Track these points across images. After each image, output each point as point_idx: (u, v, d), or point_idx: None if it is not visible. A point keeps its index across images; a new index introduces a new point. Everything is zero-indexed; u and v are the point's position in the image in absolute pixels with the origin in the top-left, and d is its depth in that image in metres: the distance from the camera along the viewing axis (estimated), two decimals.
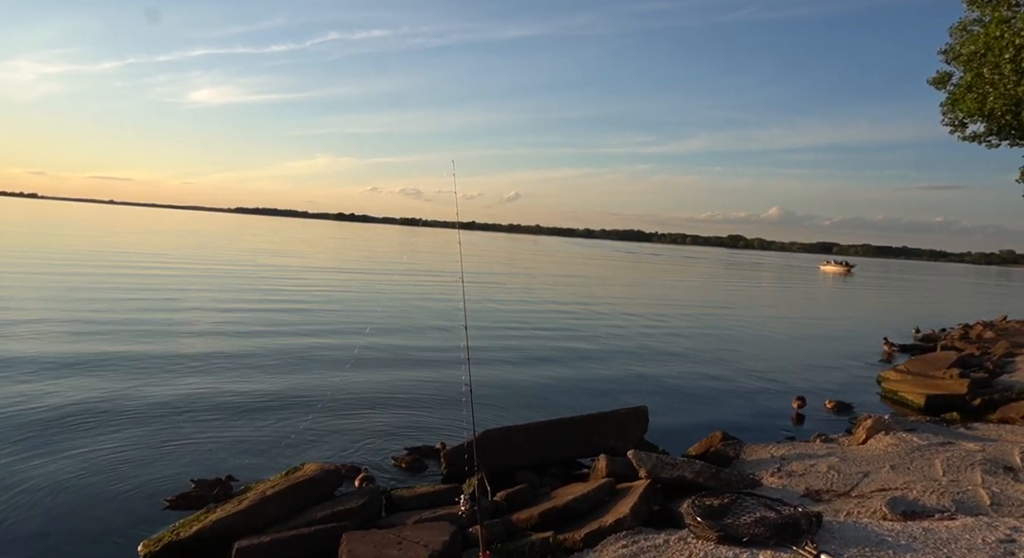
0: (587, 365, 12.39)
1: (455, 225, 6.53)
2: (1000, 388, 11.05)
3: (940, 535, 4.17)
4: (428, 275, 33.08)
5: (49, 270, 22.05)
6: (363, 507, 5.05)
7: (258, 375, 9.77)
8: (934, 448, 6.82)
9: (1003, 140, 14.61)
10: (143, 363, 9.89)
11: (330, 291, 22.48)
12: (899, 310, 31.03)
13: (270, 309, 16.90)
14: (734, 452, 6.96)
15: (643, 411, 7.30)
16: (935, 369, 12.45)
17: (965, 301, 42.67)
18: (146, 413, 7.60)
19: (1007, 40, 11.34)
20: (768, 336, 18.55)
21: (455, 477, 6.17)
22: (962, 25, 13.37)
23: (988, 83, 12.69)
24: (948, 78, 14.38)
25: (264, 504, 4.91)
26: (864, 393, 11.40)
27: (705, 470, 5.60)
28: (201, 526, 4.66)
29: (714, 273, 58.46)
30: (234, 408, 8.05)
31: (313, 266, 35.22)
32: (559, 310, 21.44)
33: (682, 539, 4.23)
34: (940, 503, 5.15)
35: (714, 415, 9.22)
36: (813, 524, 4.15)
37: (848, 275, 69.61)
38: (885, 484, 5.74)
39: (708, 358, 14.02)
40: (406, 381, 9.99)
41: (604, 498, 5.18)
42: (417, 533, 4.56)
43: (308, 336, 13.27)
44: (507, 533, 4.78)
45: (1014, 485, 5.61)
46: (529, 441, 6.54)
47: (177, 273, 24.76)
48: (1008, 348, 15.58)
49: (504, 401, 9.15)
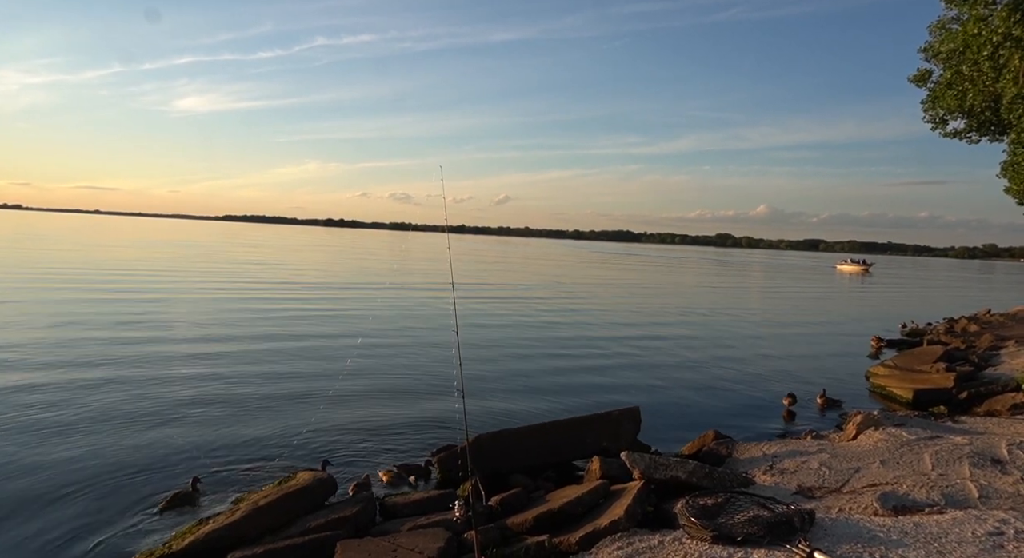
0: (579, 366, 12.41)
1: (445, 229, 6.52)
2: (985, 381, 11.19)
3: (930, 529, 4.22)
4: (419, 278, 33.03)
5: (34, 282, 21.79)
6: (357, 515, 5.03)
7: (251, 385, 9.71)
8: (923, 442, 6.89)
9: (983, 136, 14.79)
10: (133, 378, 9.81)
11: (321, 300, 22.37)
12: (909, 305, 31.34)
13: (262, 318, 16.79)
14: (726, 451, 7.00)
15: (636, 411, 7.32)
16: (922, 364, 12.59)
17: (957, 294, 43.14)
18: (137, 423, 7.54)
19: (985, 38, 11.50)
20: (758, 334, 18.66)
21: (449, 482, 6.16)
22: (941, 23, 13.53)
23: (967, 80, 12.86)
24: (929, 75, 14.54)
25: (257, 514, 4.88)
26: (853, 389, 11.52)
27: (698, 470, 5.62)
28: (194, 538, 4.62)
29: (720, 277, 58.20)
30: (226, 418, 7.99)
31: (303, 274, 35.02)
32: (550, 312, 21.46)
33: (677, 539, 4.25)
34: (930, 497, 5.20)
35: (706, 414, 9.28)
36: (806, 522, 4.19)
37: (866, 275, 66.75)
38: (876, 479, 5.79)
39: (699, 357, 14.09)
40: (398, 388, 9.96)
41: (598, 500, 5.19)
42: (412, 540, 4.54)
43: (300, 345, 13.21)
44: (502, 538, 4.77)
45: (1001, 477, 5.68)
46: (522, 444, 6.54)
47: (165, 285, 24.54)
48: (992, 341, 15.79)
49: (497, 404, 9.16)
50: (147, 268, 31.16)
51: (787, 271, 70.35)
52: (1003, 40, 11.24)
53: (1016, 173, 14.57)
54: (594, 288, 34.12)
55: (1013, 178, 14.79)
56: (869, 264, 74.09)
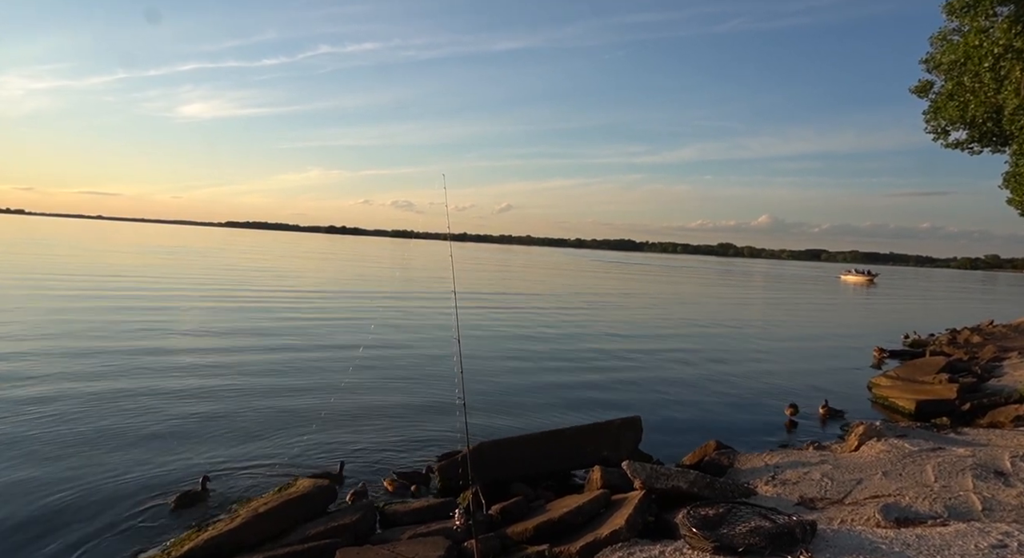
0: (580, 375, 12.39)
1: (447, 237, 6.54)
2: (988, 392, 11.14)
3: (933, 541, 4.19)
4: (421, 286, 33.04)
5: (37, 288, 21.84)
6: (357, 523, 5.01)
7: (253, 391, 9.69)
8: (925, 454, 6.85)
9: (985, 147, 14.83)
10: (134, 385, 9.80)
11: (323, 308, 22.39)
12: (912, 315, 31.25)
13: (264, 325, 16.80)
14: (728, 461, 6.97)
15: (637, 421, 7.30)
16: (924, 375, 12.54)
17: (960, 305, 43.03)
18: (137, 430, 7.52)
19: (986, 49, 11.56)
20: (760, 345, 18.62)
21: (449, 491, 6.14)
22: (942, 34, 13.59)
23: (968, 91, 12.91)
24: (930, 87, 14.60)
25: (257, 521, 4.87)
26: (855, 400, 11.47)
27: (700, 480, 5.60)
28: (193, 545, 4.61)
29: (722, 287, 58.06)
30: (227, 425, 7.98)
31: (305, 282, 35.08)
32: (552, 321, 21.44)
33: (678, 550, 4.23)
34: (932, 509, 5.18)
35: (708, 424, 9.25)
36: (808, 533, 4.17)
37: (871, 285, 65.38)
38: (878, 491, 5.76)
39: (701, 367, 14.06)
40: (400, 396, 9.95)
41: (599, 510, 5.17)
42: (411, 548, 4.53)
43: (302, 352, 13.21)
44: (502, 547, 4.75)
45: (1005, 490, 5.65)
46: (523, 453, 6.52)
47: (168, 291, 24.57)
48: (995, 352, 15.73)
49: (498, 413, 9.14)
50: (150, 274, 31.22)
51: (790, 281, 69.89)
52: (1004, 52, 11.29)
53: (1018, 184, 14.58)
54: (595, 297, 34.10)
55: (1015, 189, 14.80)
56: (874, 275, 72.94)
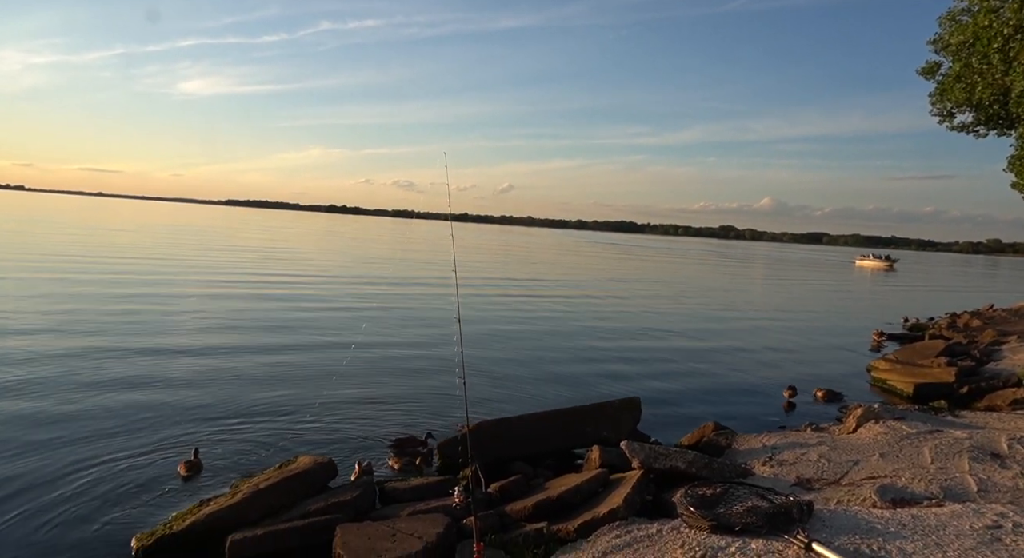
0: (580, 356, 12.42)
1: (448, 217, 6.53)
2: (987, 376, 11.19)
3: (928, 522, 4.22)
4: (422, 267, 33.03)
5: (38, 265, 21.83)
6: (357, 499, 5.06)
7: (254, 371, 9.72)
8: (922, 436, 6.89)
9: (991, 130, 14.66)
10: (133, 362, 9.82)
11: (324, 287, 22.38)
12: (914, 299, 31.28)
13: (266, 304, 16.82)
14: (726, 442, 7.02)
15: (636, 401, 7.34)
16: (923, 358, 12.58)
17: (966, 289, 43.05)
18: (138, 410, 7.55)
19: (995, 30, 11.37)
20: (760, 327, 18.65)
21: (449, 469, 6.19)
22: (951, 15, 13.37)
23: (976, 73, 12.72)
24: (937, 68, 14.39)
25: (257, 497, 4.91)
26: (854, 382, 11.51)
27: (698, 460, 5.64)
28: (194, 519, 4.65)
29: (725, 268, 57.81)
30: (227, 402, 8.01)
31: (309, 261, 35.05)
32: (552, 302, 21.46)
33: (675, 529, 4.26)
34: (928, 490, 5.21)
35: (706, 405, 9.29)
36: (804, 513, 4.20)
37: (890, 270, 61.36)
38: (875, 472, 5.80)
39: (700, 349, 14.10)
40: (400, 375, 9.98)
41: (598, 489, 5.21)
42: (411, 525, 4.57)
43: (304, 330, 13.24)
44: (501, 524, 4.80)
45: (1001, 472, 5.69)
46: (523, 432, 6.56)
47: (168, 271, 24.56)
48: (994, 336, 15.76)
49: (498, 393, 9.17)
50: (150, 254, 31.19)
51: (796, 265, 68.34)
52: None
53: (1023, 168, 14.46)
54: (595, 278, 34.10)
55: (1020, 173, 14.68)
56: (894, 260, 68.87)
